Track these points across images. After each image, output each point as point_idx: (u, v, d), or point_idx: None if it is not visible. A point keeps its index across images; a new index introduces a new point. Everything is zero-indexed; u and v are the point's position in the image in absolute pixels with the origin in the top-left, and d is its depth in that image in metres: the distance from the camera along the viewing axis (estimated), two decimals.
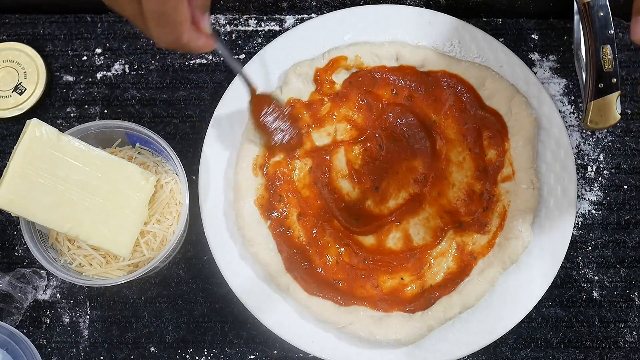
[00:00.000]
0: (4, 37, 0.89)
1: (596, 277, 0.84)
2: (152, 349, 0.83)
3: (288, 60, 0.84)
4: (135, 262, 0.79)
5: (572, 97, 0.87)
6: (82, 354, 0.82)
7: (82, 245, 0.79)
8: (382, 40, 0.84)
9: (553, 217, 0.80)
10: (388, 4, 0.85)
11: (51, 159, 0.73)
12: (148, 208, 0.78)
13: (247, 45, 0.89)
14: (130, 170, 0.77)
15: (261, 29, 0.89)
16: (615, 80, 0.82)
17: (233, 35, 0.89)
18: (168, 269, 0.84)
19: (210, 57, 0.88)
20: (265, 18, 0.89)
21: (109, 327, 0.83)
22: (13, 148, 0.72)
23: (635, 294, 0.84)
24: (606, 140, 0.87)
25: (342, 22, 0.84)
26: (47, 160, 0.73)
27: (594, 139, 0.87)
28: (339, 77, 0.84)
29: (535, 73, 0.84)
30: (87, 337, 0.83)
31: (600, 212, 0.85)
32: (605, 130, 0.87)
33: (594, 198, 0.85)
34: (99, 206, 0.75)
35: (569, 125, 0.87)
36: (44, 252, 0.77)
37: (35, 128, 0.72)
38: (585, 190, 0.86)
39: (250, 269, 0.80)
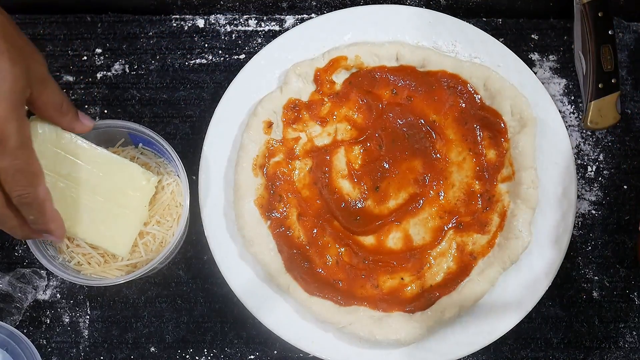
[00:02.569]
0: None
1: (596, 277, 0.84)
2: (152, 349, 0.83)
3: (288, 60, 0.84)
4: (134, 263, 0.79)
5: (572, 97, 0.87)
6: (82, 354, 0.82)
7: (81, 244, 0.79)
8: (382, 40, 0.84)
9: (553, 217, 0.80)
10: (388, 4, 0.85)
11: (53, 157, 0.73)
12: (148, 209, 0.78)
13: (247, 45, 0.89)
14: (132, 170, 0.77)
15: (261, 29, 0.89)
16: (615, 80, 0.82)
17: (233, 35, 0.89)
18: (168, 269, 0.84)
19: (210, 57, 0.88)
20: (265, 18, 0.89)
21: (109, 327, 0.83)
22: None
23: (635, 294, 0.84)
24: (606, 140, 0.87)
25: (342, 22, 0.84)
26: (48, 157, 0.72)
27: (594, 139, 0.87)
28: (339, 77, 0.84)
29: (535, 73, 0.84)
30: (87, 337, 0.83)
31: (600, 212, 0.85)
32: (605, 130, 0.87)
33: (594, 198, 0.85)
34: (99, 205, 0.75)
35: (569, 125, 0.87)
36: (43, 250, 0.76)
37: (37, 126, 0.72)
38: (585, 190, 0.86)
39: (251, 269, 0.80)
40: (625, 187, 0.86)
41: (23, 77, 0.57)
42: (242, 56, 0.89)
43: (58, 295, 0.83)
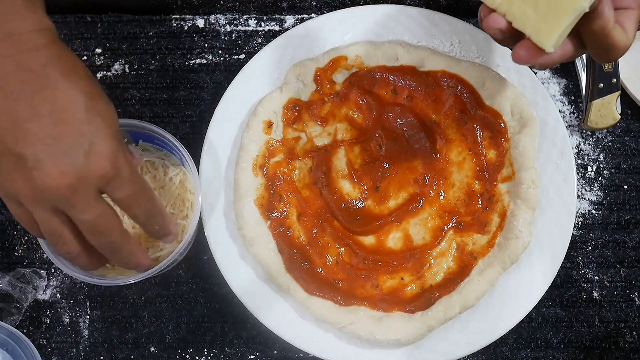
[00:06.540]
0: None
1: (596, 277, 0.84)
2: (152, 349, 0.83)
3: (288, 60, 0.84)
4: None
5: (572, 97, 0.87)
6: (82, 354, 0.82)
7: None
8: (382, 40, 0.84)
9: (553, 217, 0.80)
10: (388, 3, 0.85)
11: None
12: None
13: (247, 45, 0.89)
14: None
15: (261, 29, 0.89)
16: (615, 80, 0.82)
17: (233, 35, 0.89)
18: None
19: (210, 57, 0.88)
20: (265, 18, 0.89)
21: (109, 327, 0.83)
22: None
23: (635, 294, 0.84)
24: (606, 140, 0.87)
25: (342, 22, 0.84)
26: None
27: (594, 139, 0.87)
28: (339, 77, 0.84)
29: (535, 73, 0.84)
30: (87, 337, 0.83)
31: (600, 212, 0.85)
32: (605, 130, 0.87)
33: (594, 198, 0.85)
34: None
35: (569, 125, 0.87)
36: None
37: None
38: (585, 190, 0.86)
39: (251, 269, 0.80)
40: (625, 187, 0.86)
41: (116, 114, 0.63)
42: (242, 56, 0.89)
43: (58, 295, 0.83)
